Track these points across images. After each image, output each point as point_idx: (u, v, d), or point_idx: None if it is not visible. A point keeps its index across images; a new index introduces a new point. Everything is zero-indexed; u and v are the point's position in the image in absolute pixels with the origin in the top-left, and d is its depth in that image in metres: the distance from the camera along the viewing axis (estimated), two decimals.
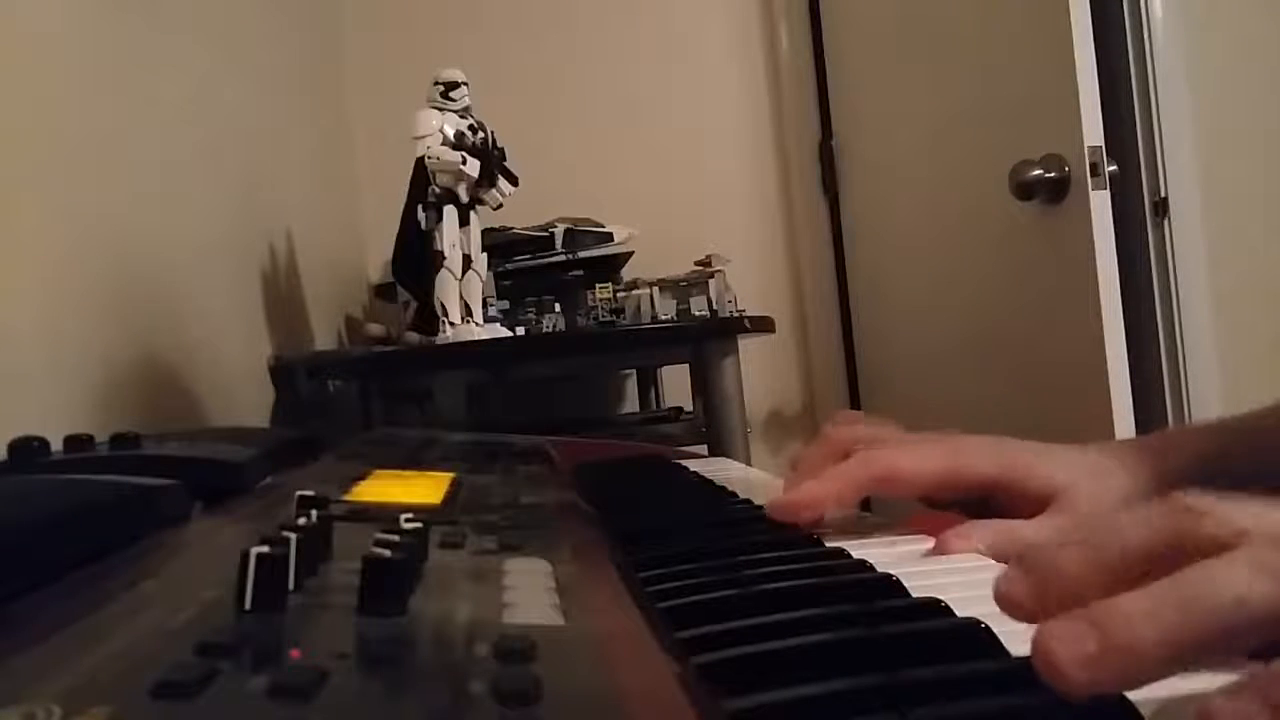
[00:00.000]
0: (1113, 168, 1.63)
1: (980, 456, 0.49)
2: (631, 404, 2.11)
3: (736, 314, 1.65)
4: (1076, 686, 0.22)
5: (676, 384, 2.00)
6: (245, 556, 0.23)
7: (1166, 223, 1.97)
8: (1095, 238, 1.51)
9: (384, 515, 0.32)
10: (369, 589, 0.23)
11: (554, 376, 1.90)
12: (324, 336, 1.69)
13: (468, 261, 1.35)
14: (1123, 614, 0.23)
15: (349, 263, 1.99)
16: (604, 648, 0.23)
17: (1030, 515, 0.47)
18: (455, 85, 1.36)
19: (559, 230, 1.76)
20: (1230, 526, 0.25)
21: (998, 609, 0.28)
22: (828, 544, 0.42)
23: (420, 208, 1.35)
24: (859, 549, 0.40)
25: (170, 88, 1.15)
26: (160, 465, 0.42)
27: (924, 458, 0.48)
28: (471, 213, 1.37)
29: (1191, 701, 0.23)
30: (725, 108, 2.23)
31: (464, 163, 1.32)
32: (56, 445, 0.43)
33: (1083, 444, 0.52)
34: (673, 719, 0.20)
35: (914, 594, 0.34)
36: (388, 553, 0.24)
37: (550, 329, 1.64)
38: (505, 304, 1.67)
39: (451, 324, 1.32)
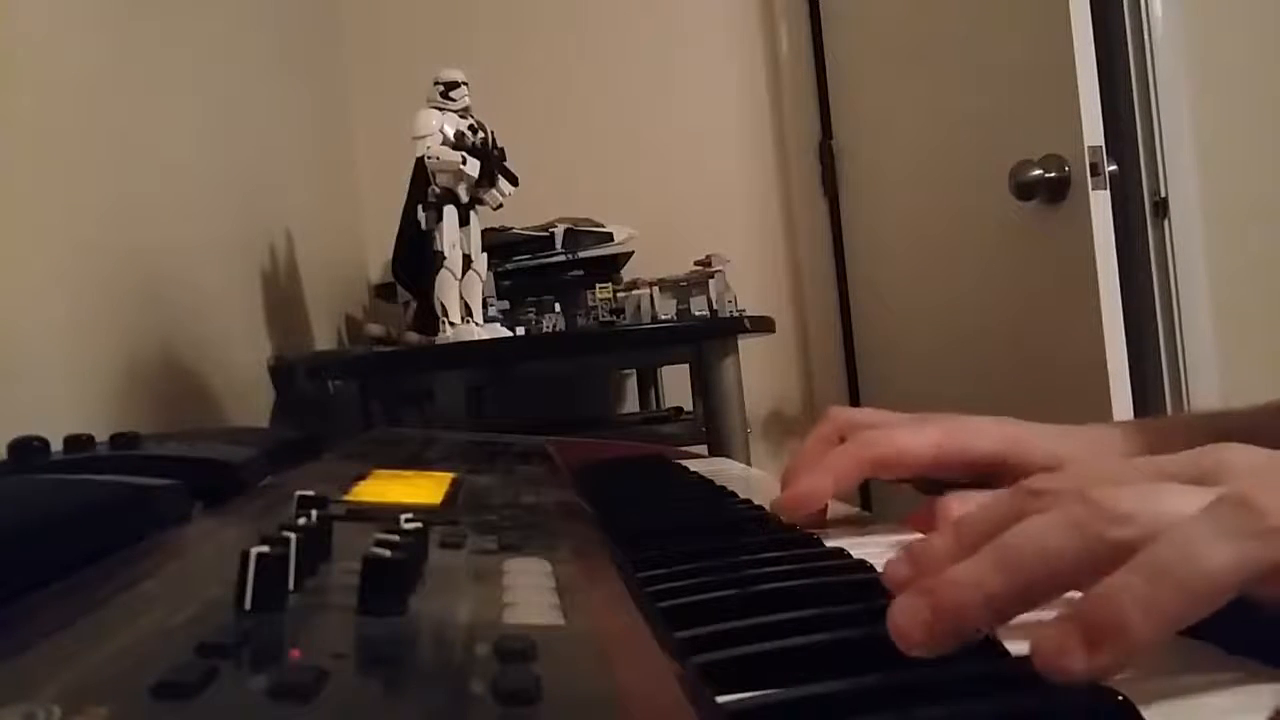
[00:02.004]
0: (1113, 168, 1.63)
1: (980, 433, 0.48)
2: (631, 404, 2.12)
3: (736, 314, 1.65)
4: (919, 648, 0.26)
5: (676, 384, 2.00)
6: (245, 556, 0.23)
7: (1166, 223, 1.97)
8: (1095, 238, 1.51)
9: (384, 515, 0.32)
10: (369, 589, 0.23)
11: (554, 376, 1.90)
12: (324, 336, 1.69)
13: (468, 261, 1.35)
14: (950, 581, 0.27)
15: (349, 263, 1.99)
16: (604, 648, 0.23)
17: None
18: (455, 85, 1.36)
19: (559, 230, 1.76)
20: (1052, 494, 0.29)
21: None
22: (828, 544, 0.42)
23: (420, 208, 1.35)
24: (859, 549, 0.40)
25: (170, 88, 1.15)
26: (160, 465, 0.42)
27: (922, 435, 0.48)
28: (471, 213, 1.37)
29: (1192, 701, 0.23)
30: (725, 108, 2.23)
31: (464, 163, 1.32)
32: (56, 445, 0.43)
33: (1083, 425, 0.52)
34: (673, 719, 0.20)
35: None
36: (388, 553, 0.24)
37: (550, 329, 1.64)
38: (505, 304, 1.67)
39: (451, 324, 1.32)
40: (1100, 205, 1.52)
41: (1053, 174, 1.56)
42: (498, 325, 1.44)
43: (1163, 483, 0.28)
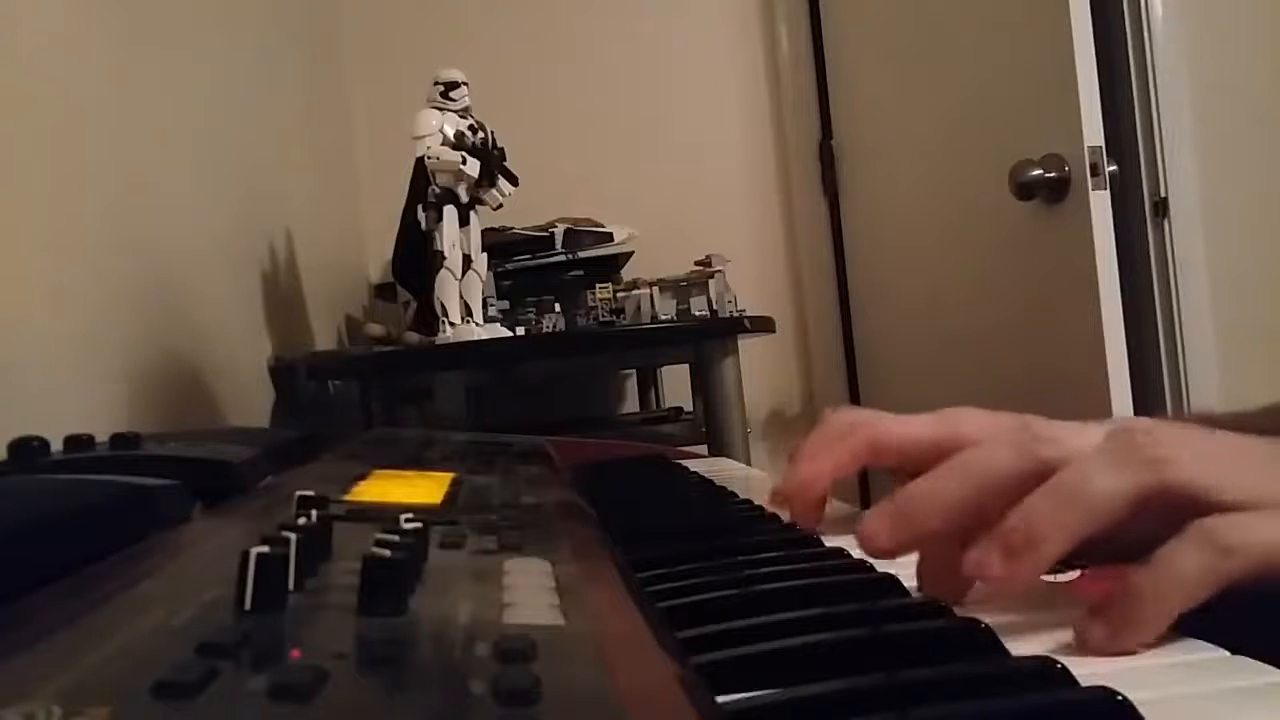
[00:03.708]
0: (1113, 168, 1.63)
1: (975, 423, 0.48)
2: (631, 404, 2.11)
3: (736, 314, 1.65)
4: (882, 548, 0.35)
5: (676, 384, 2.00)
6: (245, 556, 0.23)
7: (1166, 223, 1.97)
8: (1095, 238, 1.51)
9: (384, 515, 0.32)
10: (369, 589, 0.23)
11: (554, 376, 1.90)
12: (324, 336, 1.69)
13: (468, 261, 1.35)
14: (908, 492, 0.35)
15: (349, 263, 1.99)
16: (604, 648, 0.23)
17: None
18: (455, 85, 1.36)
19: (559, 230, 1.76)
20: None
21: (996, 609, 0.31)
22: (828, 544, 0.42)
23: (420, 208, 1.35)
24: (859, 549, 0.40)
25: (170, 88, 1.15)
26: (160, 465, 0.42)
27: (917, 424, 0.48)
28: (471, 213, 1.37)
29: (1192, 701, 0.23)
30: (725, 108, 2.23)
31: (464, 163, 1.32)
32: (56, 445, 0.43)
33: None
34: (673, 719, 0.20)
35: (914, 594, 0.34)
36: (388, 553, 0.24)
37: (550, 329, 1.64)
38: (505, 304, 1.67)
39: (451, 324, 1.32)
40: (1100, 205, 1.52)
41: (1053, 174, 1.56)
42: (498, 325, 1.44)
43: (1089, 424, 0.35)
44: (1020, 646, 0.28)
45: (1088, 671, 0.25)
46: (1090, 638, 0.29)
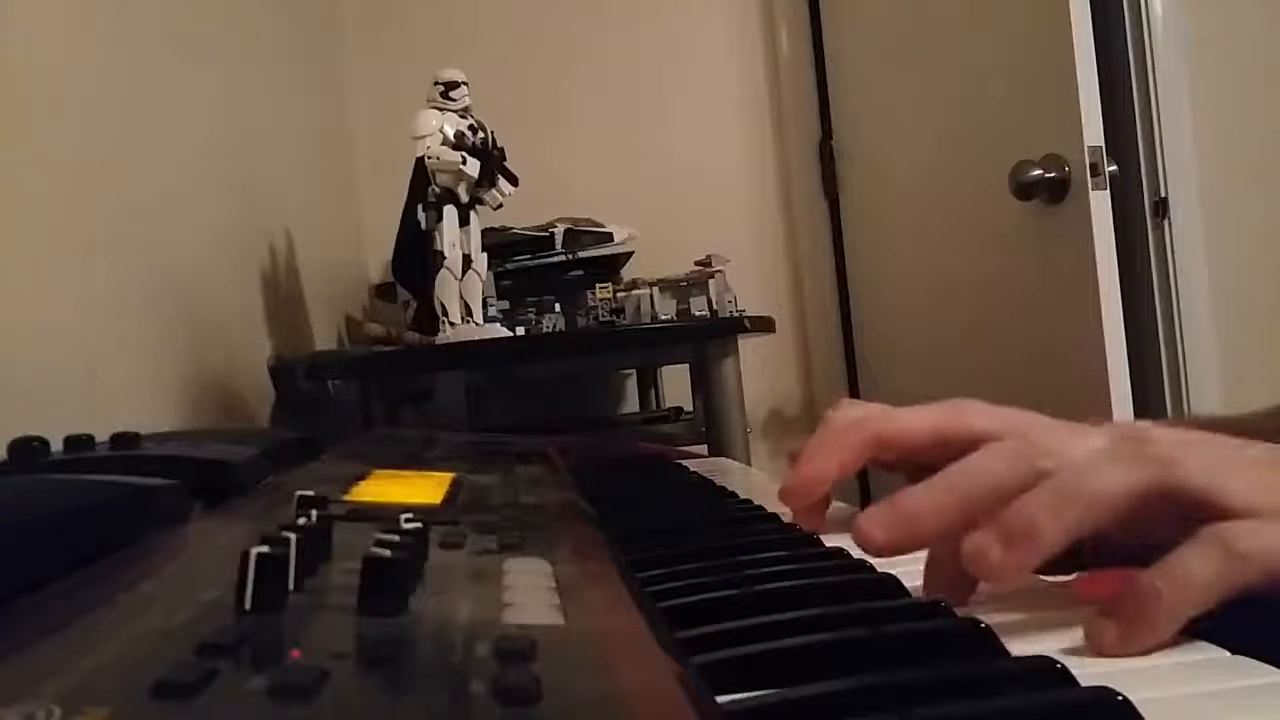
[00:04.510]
0: (1113, 168, 1.63)
1: (980, 415, 0.48)
2: (631, 404, 2.11)
3: (736, 314, 1.65)
4: (879, 545, 0.35)
5: (676, 384, 2.00)
6: (245, 556, 0.23)
7: (1166, 223, 1.97)
8: (1095, 238, 1.51)
9: (384, 515, 0.32)
10: (369, 589, 0.23)
11: (554, 376, 1.90)
12: (324, 336, 1.69)
13: (468, 261, 1.35)
14: (906, 493, 0.35)
15: (349, 263, 1.99)
16: (604, 648, 0.23)
17: None
18: (455, 85, 1.36)
19: (559, 230, 1.76)
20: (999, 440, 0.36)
21: (996, 609, 0.31)
22: (828, 544, 0.42)
23: (420, 208, 1.35)
24: (858, 548, 0.40)
25: (170, 88, 1.15)
26: (160, 465, 0.42)
27: (923, 416, 0.47)
28: (471, 213, 1.37)
29: (1192, 701, 0.23)
30: (725, 108, 2.23)
31: (464, 163, 1.32)
32: (56, 445, 0.43)
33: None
34: (673, 719, 0.20)
35: (914, 594, 0.34)
36: (388, 553, 0.24)
37: (550, 329, 1.64)
38: (505, 304, 1.67)
39: (451, 324, 1.32)
40: (1100, 205, 1.52)
41: (1053, 174, 1.56)
42: (498, 325, 1.44)
43: (1085, 430, 0.35)
44: (1020, 646, 0.28)
45: (1088, 671, 0.25)
46: (1101, 638, 0.29)
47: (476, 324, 1.34)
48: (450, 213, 1.33)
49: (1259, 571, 0.29)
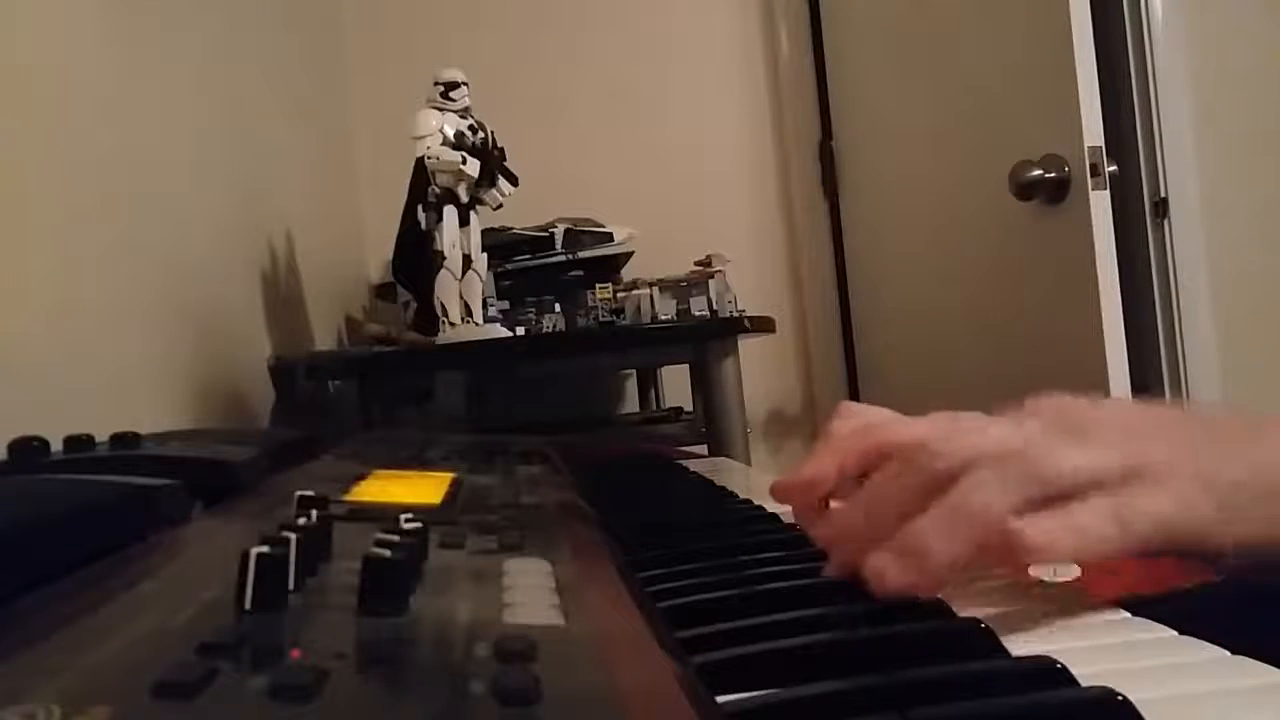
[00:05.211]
0: (1113, 168, 1.63)
1: (985, 435, 0.48)
2: (631, 404, 2.11)
3: (736, 314, 1.65)
4: (890, 591, 0.34)
5: (676, 384, 2.00)
6: (245, 556, 0.23)
7: (1166, 223, 1.97)
8: (1095, 238, 1.51)
9: (384, 515, 0.32)
10: (369, 589, 0.23)
11: (554, 376, 1.90)
12: (324, 336, 1.69)
13: (468, 261, 1.35)
14: (838, 512, 0.39)
15: (349, 263, 1.99)
16: (604, 648, 0.23)
17: None
18: (455, 85, 1.36)
19: (559, 230, 1.76)
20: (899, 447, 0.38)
21: (996, 609, 0.31)
22: None
23: (420, 208, 1.35)
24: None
25: (170, 88, 1.15)
26: (160, 465, 0.42)
27: (916, 425, 0.48)
28: (471, 213, 1.37)
29: (1192, 701, 0.23)
30: (725, 108, 2.23)
31: (464, 163, 1.31)
32: (56, 445, 0.43)
33: None
34: (673, 719, 0.20)
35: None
36: (388, 553, 0.24)
37: (550, 329, 1.64)
38: (505, 304, 1.67)
39: (451, 324, 1.32)
40: (1100, 205, 1.52)
41: (1053, 174, 1.56)
42: (498, 325, 1.44)
43: (969, 423, 0.38)
44: (1020, 646, 0.28)
45: (1088, 671, 0.25)
46: (882, 575, 0.33)
47: (476, 324, 1.34)
48: (450, 213, 1.33)
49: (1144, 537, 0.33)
